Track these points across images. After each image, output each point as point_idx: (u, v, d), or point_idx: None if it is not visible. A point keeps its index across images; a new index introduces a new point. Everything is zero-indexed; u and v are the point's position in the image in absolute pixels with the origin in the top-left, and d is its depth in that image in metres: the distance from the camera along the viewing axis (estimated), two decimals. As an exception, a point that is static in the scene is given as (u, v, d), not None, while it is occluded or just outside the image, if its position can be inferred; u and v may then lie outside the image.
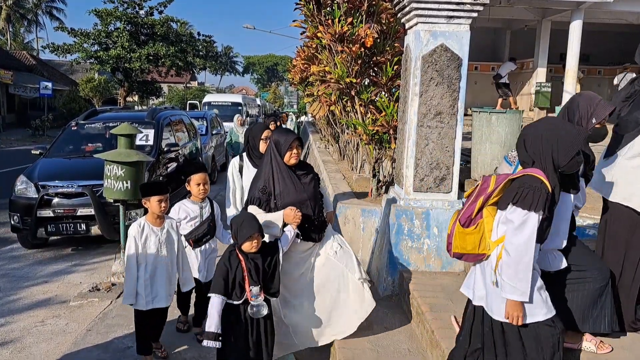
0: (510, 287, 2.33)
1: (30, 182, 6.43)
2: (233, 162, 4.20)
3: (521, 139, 2.49)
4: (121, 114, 8.73)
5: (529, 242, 2.30)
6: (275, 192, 3.37)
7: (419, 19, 4.24)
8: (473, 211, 2.49)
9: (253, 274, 3.05)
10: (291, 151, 3.37)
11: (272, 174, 3.39)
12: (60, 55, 27.41)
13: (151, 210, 3.59)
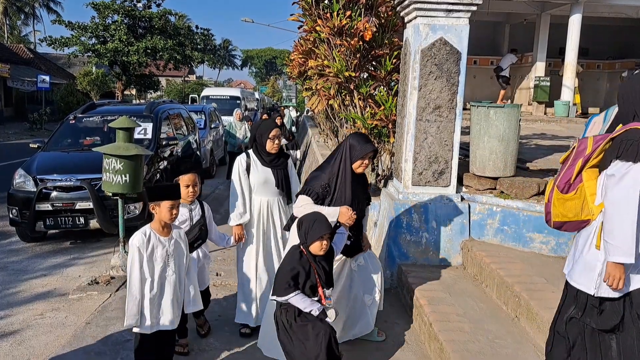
0: (613, 247, 2.17)
1: (29, 176, 6.42)
2: (239, 161, 3.91)
3: (620, 96, 2.35)
4: (119, 107, 8.71)
5: (631, 195, 2.12)
6: (334, 194, 3.30)
7: (418, 12, 4.23)
8: (571, 175, 2.34)
9: (322, 276, 2.96)
10: (363, 161, 3.28)
11: (337, 175, 3.31)
12: (58, 48, 27.31)
13: (159, 217, 3.08)
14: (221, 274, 5.44)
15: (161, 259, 3.09)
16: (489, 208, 4.46)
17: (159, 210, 3.08)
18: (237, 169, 3.88)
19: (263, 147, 3.82)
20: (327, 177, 3.32)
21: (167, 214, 3.05)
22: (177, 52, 28.99)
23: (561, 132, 10.26)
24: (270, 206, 3.95)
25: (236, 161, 3.92)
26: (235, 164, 3.91)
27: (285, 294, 2.89)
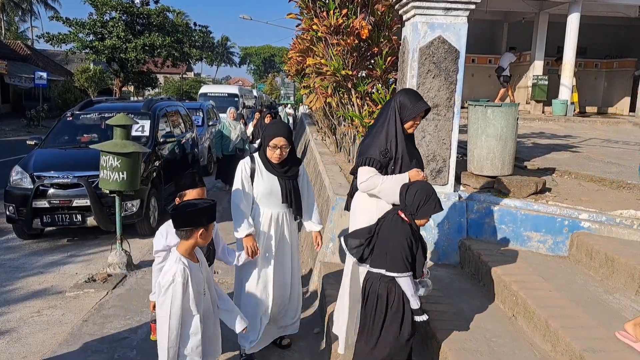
0: None
1: (26, 173, 6.41)
2: (243, 166, 3.48)
3: None
4: (117, 104, 8.70)
5: None
6: (396, 156, 3.02)
7: (416, 10, 4.22)
8: None
9: (425, 249, 2.82)
10: (415, 121, 3.04)
11: (395, 137, 3.01)
12: (55, 45, 27.23)
13: (195, 240, 2.55)
14: (219, 271, 5.44)
15: (201, 288, 2.64)
16: (487, 207, 4.47)
17: (200, 232, 2.62)
18: (240, 174, 3.47)
19: (265, 152, 3.44)
20: (383, 140, 3.01)
21: (205, 237, 2.62)
22: (175, 49, 28.93)
23: (559, 131, 10.26)
24: (275, 221, 3.56)
25: (239, 165, 3.51)
26: (239, 169, 3.49)
27: (404, 270, 2.67)
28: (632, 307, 3.17)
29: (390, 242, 2.75)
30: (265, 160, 3.45)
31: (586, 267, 3.83)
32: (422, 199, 2.70)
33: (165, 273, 2.51)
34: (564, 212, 4.21)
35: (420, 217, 2.73)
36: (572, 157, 6.64)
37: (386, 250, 2.75)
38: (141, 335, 4.01)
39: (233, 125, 9.80)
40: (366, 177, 3.00)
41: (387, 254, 2.74)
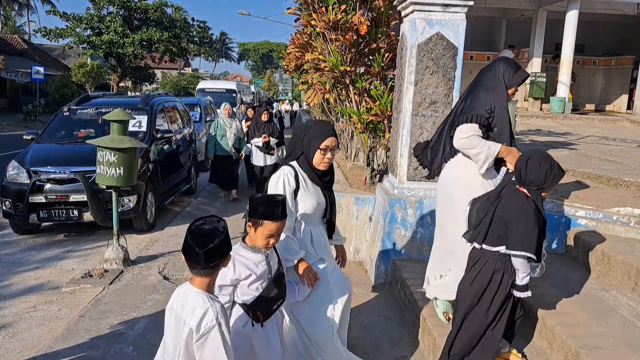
0: None
1: (22, 168, 6.38)
2: (286, 179, 2.79)
3: None
4: (114, 99, 8.66)
5: None
6: (497, 120, 2.91)
7: (415, 6, 4.21)
8: None
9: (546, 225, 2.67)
10: (515, 88, 2.97)
11: (499, 100, 2.93)
12: (52, 39, 27.15)
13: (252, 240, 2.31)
14: (215, 267, 5.43)
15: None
16: (484, 204, 4.46)
17: (254, 232, 2.38)
18: (282, 189, 2.78)
19: (310, 159, 2.83)
20: (490, 100, 2.89)
21: (262, 240, 2.35)
22: (173, 45, 28.87)
23: (557, 128, 10.27)
24: (317, 240, 2.98)
25: (280, 178, 2.80)
26: (280, 182, 2.79)
27: (529, 249, 2.51)
28: (629, 305, 3.17)
29: (516, 220, 2.57)
30: (309, 169, 2.85)
31: (583, 264, 3.84)
32: (548, 168, 2.58)
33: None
34: (561, 210, 4.21)
35: (548, 188, 2.61)
36: (570, 154, 6.64)
37: (511, 228, 2.58)
38: (137, 331, 4.00)
39: (228, 123, 8.78)
40: (468, 134, 2.87)
41: (512, 232, 2.58)
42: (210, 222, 2.09)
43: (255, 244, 2.41)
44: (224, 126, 8.74)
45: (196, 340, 1.98)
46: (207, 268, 2.01)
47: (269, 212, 2.35)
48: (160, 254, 5.87)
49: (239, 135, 8.84)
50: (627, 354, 2.59)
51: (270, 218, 2.34)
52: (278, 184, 2.78)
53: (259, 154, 8.47)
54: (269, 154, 8.56)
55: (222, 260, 2.06)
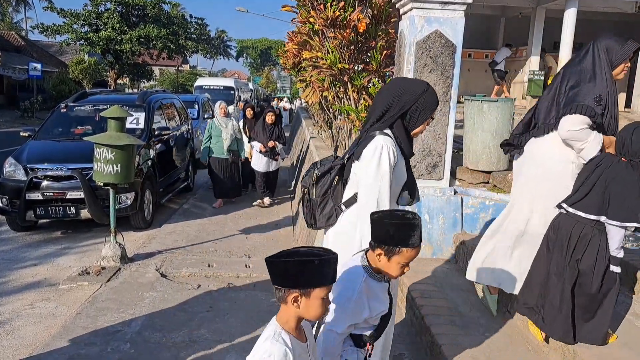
0: None
1: (19, 165, 6.37)
2: (390, 150, 2.29)
3: None
4: (111, 96, 8.64)
5: None
6: (608, 107, 2.73)
7: (413, 4, 4.20)
8: None
9: None
10: (625, 64, 2.76)
11: (607, 85, 2.71)
12: (50, 36, 27.11)
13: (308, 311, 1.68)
14: (213, 265, 5.43)
15: None
16: (482, 202, 4.47)
17: (386, 261, 1.97)
18: (387, 162, 2.29)
19: (413, 128, 2.42)
20: (599, 88, 2.70)
21: (397, 270, 1.98)
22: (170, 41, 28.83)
23: (554, 126, 10.27)
24: None
25: (384, 151, 2.29)
26: (384, 154, 2.29)
27: (634, 219, 2.47)
28: (626, 303, 3.18)
29: (620, 189, 2.52)
30: (405, 139, 2.41)
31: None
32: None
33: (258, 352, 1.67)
34: (558, 208, 4.21)
35: None
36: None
37: (615, 198, 2.53)
38: (134, 329, 4.00)
39: (224, 123, 7.98)
40: (580, 126, 2.70)
41: (616, 202, 2.52)
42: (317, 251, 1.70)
43: (387, 272, 2.00)
44: (219, 126, 8.00)
45: None
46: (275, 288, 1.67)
47: (408, 237, 1.93)
48: (157, 251, 5.86)
49: (236, 135, 8.11)
50: (625, 352, 2.60)
51: (410, 245, 1.93)
52: (382, 160, 2.28)
53: (262, 159, 8.14)
54: (274, 159, 8.27)
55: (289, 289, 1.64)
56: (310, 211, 2.58)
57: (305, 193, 2.59)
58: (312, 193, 2.53)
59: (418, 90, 2.36)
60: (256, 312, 4.35)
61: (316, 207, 2.54)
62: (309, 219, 2.61)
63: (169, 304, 4.46)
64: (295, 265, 1.63)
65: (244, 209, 8.01)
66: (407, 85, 2.40)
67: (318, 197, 2.52)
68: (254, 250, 6.01)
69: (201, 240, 6.30)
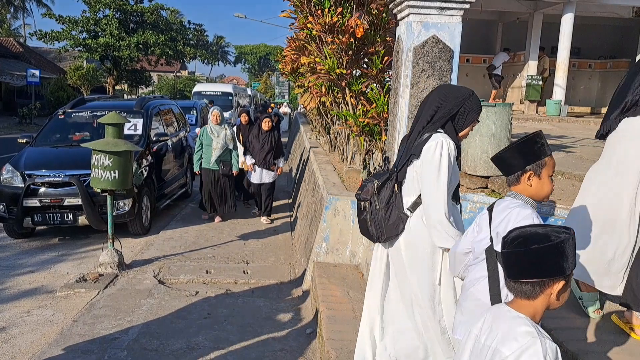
0: None
1: (17, 171, 6.35)
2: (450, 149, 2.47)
3: None
4: (109, 102, 8.63)
5: None
6: None
7: (411, 9, 4.20)
8: None
9: None
10: None
11: None
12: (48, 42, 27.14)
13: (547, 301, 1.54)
14: (211, 271, 5.41)
15: None
16: (480, 207, 4.45)
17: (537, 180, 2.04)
18: (446, 160, 2.42)
19: (461, 129, 2.55)
20: None
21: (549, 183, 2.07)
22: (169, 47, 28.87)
23: (553, 131, 10.28)
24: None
25: (445, 149, 2.42)
26: (445, 154, 2.41)
27: None
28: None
29: None
30: (454, 140, 2.51)
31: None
32: None
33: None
34: (557, 213, 4.20)
35: None
36: (566, 157, 6.64)
37: None
38: (132, 336, 3.97)
39: (216, 131, 7.31)
40: None
41: None
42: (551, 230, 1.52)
43: (543, 191, 2.05)
44: (210, 134, 7.33)
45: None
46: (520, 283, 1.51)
47: (544, 147, 2.06)
48: (155, 257, 5.83)
49: (227, 145, 7.34)
50: (624, 358, 2.58)
51: (549, 153, 2.06)
52: (442, 158, 2.41)
53: (256, 169, 7.60)
54: (268, 170, 7.61)
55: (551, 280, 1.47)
56: (376, 224, 2.59)
57: (368, 206, 2.61)
58: (376, 204, 2.57)
59: (465, 93, 2.53)
60: (254, 318, 4.33)
61: (382, 219, 2.57)
62: (376, 232, 2.61)
63: (167, 310, 4.44)
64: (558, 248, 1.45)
65: (242, 215, 7.99)
66: (454, 90, 2.58)
67: (382, 209, 2.56)
68: (252, 256, 5.99)
69: (199, 247, 6.28)
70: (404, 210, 2.55)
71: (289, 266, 5.70)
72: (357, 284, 4.54)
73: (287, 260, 5.90)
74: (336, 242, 4.98)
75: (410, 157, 2.51)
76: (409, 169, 2.54)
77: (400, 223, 2.55)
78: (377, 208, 2.57)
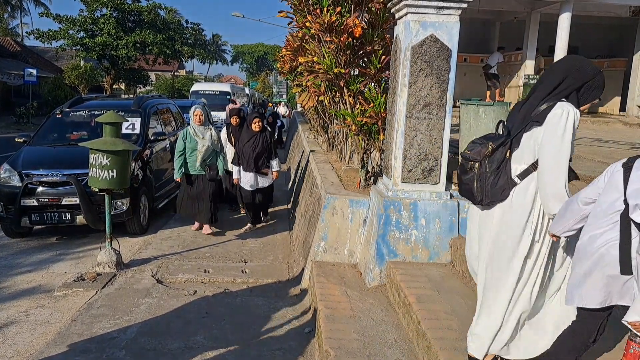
0: None
1: (14, 171, 6.34)
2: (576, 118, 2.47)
3: None
4: (107, 102, 8.62)
5: None
6: None
7: (408, 9, 4.21)
8: None
9: None
10: None
11: None
12: (45, 41, 27.09)
13: None
14: (209, 270, 5.41)
15: None
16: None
17: None
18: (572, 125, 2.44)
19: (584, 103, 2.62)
20: None
21: None
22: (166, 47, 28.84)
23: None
24: None
25: (571, 118, 2.44)
26: (570, 123, 2.43)
27: None
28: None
29: None
30: None
31: (577, 266, 3.84)
32: None
33: None
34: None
35: None
36: (563, 156, 6.66)
37: None
38: (130, 335, 3.97)
39: (200, 132, 6.65)
40: None
41: None
42: None
43: None
44: (194, 136, 6.65)
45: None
46: None
47: None
48: (153, 257, 5.83)
49: (214, 148, 6.75)
50: (622, 356, 2.59)
51: None
52: (568, 126, 2.42)
53: (246, 175, 6.79)
54: (261, 174, 6.86)
55: None
56: (483, 186, 2.59)
57: (477, 168, 2.60)
58: (486, 167, 2.56)
59: (596, 68, 2.52)
60: (252, 317, 4.33)
61: (489, 183, 2.57)
62: (480, 195, 2.62)
63: (165, 310, 4.44)
64: None
65: (240, 214, 7.99)
66: (585, 62, 2.55)
67: (491, 171, 2.56)
68: (250, 255, 5.99)
69: (197, 246, 6.27)
70: (512, 177, 2.54)
71: (287, 265, 5.71)
72: (356, 283, 4.55)
73: (285, 260, 5.90)
74: (334, 241, 4.99)
75: (529, 123, 2.49)
76: (525, 135, 2.51)
77: (506, 189, 2.55)
78: (486, 170, 2.57)
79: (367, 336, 3.61)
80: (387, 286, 4.34)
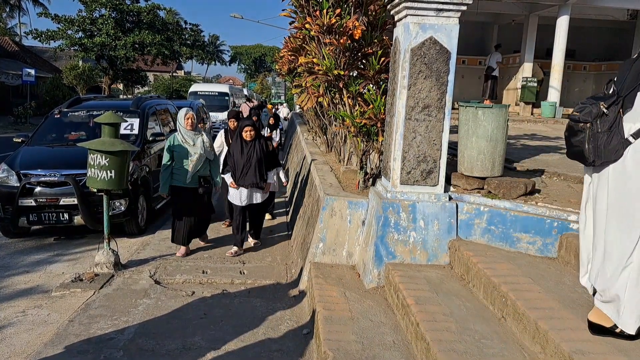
0: None
1: (12, 171, 6.33)
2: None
3: None
4: (105, 102, 8.62)
5: None
6: None
7: (408, 11, 4.22)
8: None
9: None
10: None
11: None
12: (44, 41, 27.05)
13: None
14: (207, 271, 5.40)
15: None
16: (477, 208, 4.47)
17: None
18: None
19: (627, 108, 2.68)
20: None
21: None
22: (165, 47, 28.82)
23: (548, 132, 10.33)
24: None
25: None
26: None
27: None
28: None
29: None
30: None
31: (575, 268, 3.84)
32: None
33: None
34: (553, 214, 4.22)
35: None
36: (561, 158, 6.67)
37: None
38: (128, 336, 3.96)
39: (190, 138, 5.88)
40: None
41: None
42: None
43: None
44: (183, 143, 5.85)
45: None
46: None
47: None
48: (151, 257, 5.82)
49: (207, 156, 5.96)
50: (620, 358, 2.60)
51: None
52: None
53: (240, 190, 5.93)
54: (258, 188, 5.95)
55: None
56: (595, 147, 2.56)
57: (588, 129, 2.56)
58: (597, 127, 2.52)
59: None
60: (251, 318, 4.32)
61: (602, 143, 2.52)
62: (592, 156, 2.59)
63: (163, 311, 4.43)
64: None
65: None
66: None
67: (604, 132, 2.51)
68: (249, 256, 5.99)
69: (195, 247, 6.26)
70: (627, 136, 2.49)
71: (285, 266, 5.70)
72: (354, 285, 4.55)
73: (283, 261, 5.90)
74: (333, 242, 4.99)
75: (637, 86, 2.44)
76: (639, 94, 2.46)
77: (620, 149, 2.50)
78: (598, 131, 2.52)
79: (365, 338, 3.61)
80: (386, 288, 4.34)
